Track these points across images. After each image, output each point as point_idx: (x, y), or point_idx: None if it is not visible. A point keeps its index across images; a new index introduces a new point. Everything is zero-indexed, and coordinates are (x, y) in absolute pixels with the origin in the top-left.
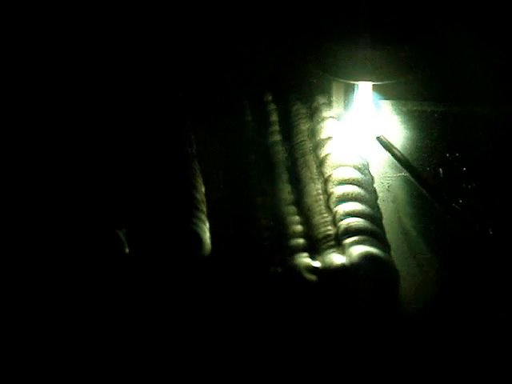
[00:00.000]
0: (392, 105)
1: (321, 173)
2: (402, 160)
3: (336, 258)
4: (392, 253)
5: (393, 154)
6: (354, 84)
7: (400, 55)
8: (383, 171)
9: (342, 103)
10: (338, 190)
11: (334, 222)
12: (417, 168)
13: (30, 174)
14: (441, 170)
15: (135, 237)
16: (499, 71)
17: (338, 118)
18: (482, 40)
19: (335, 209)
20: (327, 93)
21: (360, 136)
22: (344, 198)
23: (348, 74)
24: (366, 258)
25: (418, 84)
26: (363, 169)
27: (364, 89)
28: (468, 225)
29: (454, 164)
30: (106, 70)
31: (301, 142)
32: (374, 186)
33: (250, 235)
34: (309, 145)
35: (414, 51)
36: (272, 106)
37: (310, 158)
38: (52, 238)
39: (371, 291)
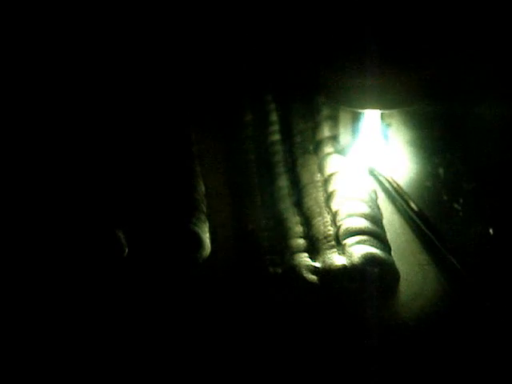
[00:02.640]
0: None
1: (321, 172)
2: (396, 191)
3: (337, 259)
4: (392, 253)
5: (386, 185)
6: (361, 112)
7: (409, 83)
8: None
9: (350, 131)
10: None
11: (335, 222)
12: (412, 200)
13: (30, 174)
14: (441, 169)
15: (135, 237)
16: (499, 71)
17: (344, 151)
18: (481, 40)
19: (335, 209)
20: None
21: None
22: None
23: (355, 102)
24: (367, 258)
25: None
26: None
27: (372, 117)
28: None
29: (453, 164)
30: (107, 68)
31: (301, 141)
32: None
33: (249, 235)
34: (309, 144)
35: (423, 79)
36: (272, 106)
37: (310, 158)
38: (52, 237)
39: (372, 292)
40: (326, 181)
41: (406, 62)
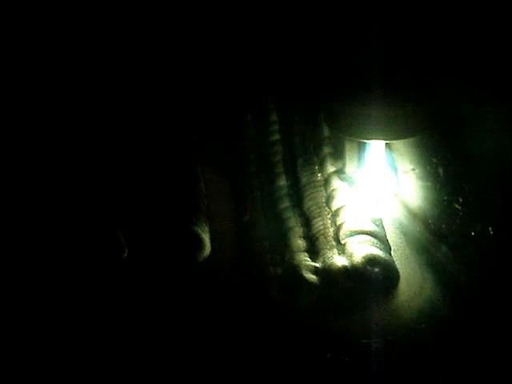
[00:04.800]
0: None
1: (321, 172)
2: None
3: (337, 259)
4: (392, 253)
5: (410, 212)
6: (366, 142)
7: (413, 114)
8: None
9: (356, 161)
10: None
11: (335, 222)
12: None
13: (31, 175)
14: (441, 169)
15: (136, 237)
16: (499, 71)
17: (350, 180)
18: (481, 40)
19: (335, 209)
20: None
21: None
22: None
23: (361, 133)
24: (368, 258)
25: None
26: None
27: (377, 147)
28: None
29: (453, 164)
30: (109, 71)
31: (301, 141)
32: None
33: (249, 235)
34: (309, 144)
35: (426, 110)
36: (272, 106)
37: (310, 158)
38: (52, 238)
39: (372, 291)
40: (326, 181)
41: (412, 94)
